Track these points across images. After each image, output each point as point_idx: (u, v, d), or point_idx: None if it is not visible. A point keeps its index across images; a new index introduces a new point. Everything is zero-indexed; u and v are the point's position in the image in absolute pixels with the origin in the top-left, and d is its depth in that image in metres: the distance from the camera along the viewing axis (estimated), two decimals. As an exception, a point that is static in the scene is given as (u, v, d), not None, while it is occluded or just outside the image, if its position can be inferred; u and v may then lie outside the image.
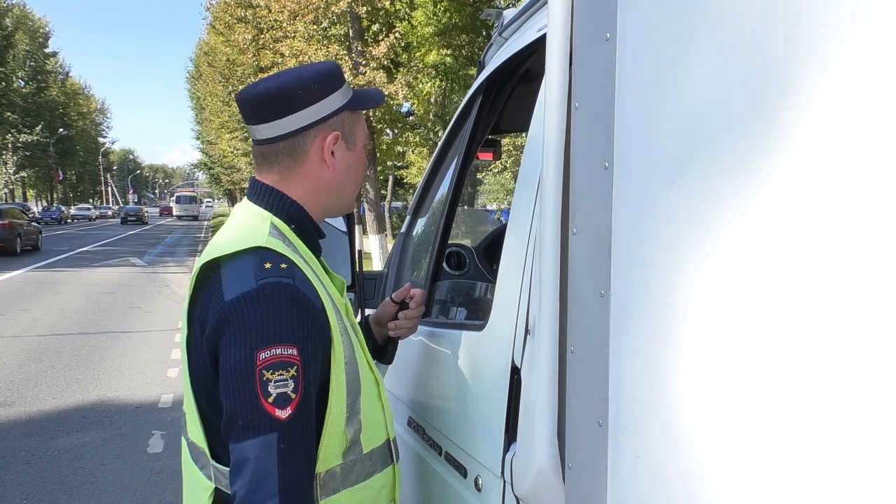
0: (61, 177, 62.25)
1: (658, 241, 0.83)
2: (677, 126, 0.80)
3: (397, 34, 13.05)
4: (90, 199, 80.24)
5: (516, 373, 1.29)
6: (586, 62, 0.96)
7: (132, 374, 6.93)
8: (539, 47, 1.33)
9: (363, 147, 1.41)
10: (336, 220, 1.72)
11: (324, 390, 1.22)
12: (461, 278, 2.40)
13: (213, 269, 1.23)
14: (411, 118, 15.92)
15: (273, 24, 13.69)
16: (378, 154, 15.11)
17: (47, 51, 55.54)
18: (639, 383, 0.86)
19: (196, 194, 75.88)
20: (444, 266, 2.35)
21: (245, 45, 15.00)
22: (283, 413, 1.13)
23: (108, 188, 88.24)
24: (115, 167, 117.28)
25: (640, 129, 0.85)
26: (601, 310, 0.91)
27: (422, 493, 1.80)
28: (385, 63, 13.45)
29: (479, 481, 1.44)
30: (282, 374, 1.13)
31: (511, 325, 1.32)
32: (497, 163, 16.82)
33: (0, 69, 40.46)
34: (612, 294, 0.89)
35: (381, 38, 13.54)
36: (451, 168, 1.99)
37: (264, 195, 1.33)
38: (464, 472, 1.53)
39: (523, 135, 1.46)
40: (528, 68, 1.79)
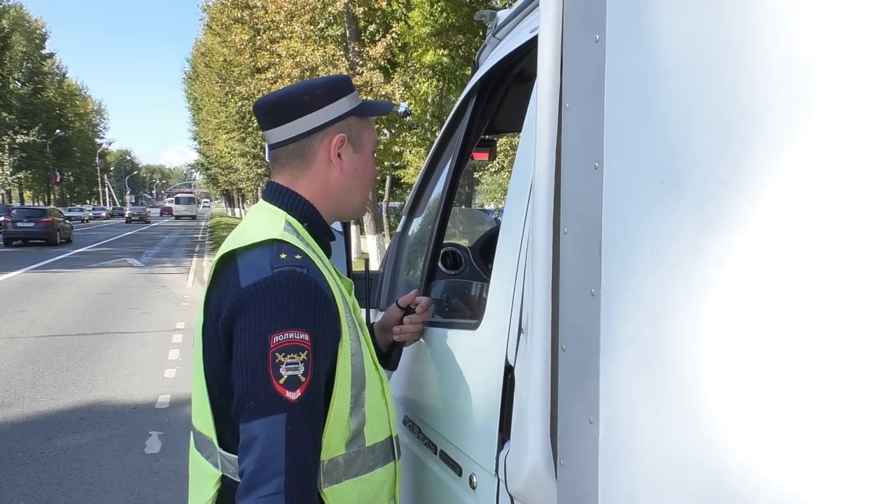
0: (58, 178, 62.16)
1: (647, 240, 0.84)
2: (665, 126, 0.81)
3: (394, 34, 13.05)
4: (87, 200, 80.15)
5: (510, 371, 1.30)
6: (576, 63, 0.97)
7: (129, 375, 6.93)
8: (532, 48, 1.34)
9: (372, 152, 1.48)
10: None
11: (330, 379, 1.27)
12: (457, 278, 2.41)
13: (229, 260, 1.29)
14: (408, 118, 15.93)
15: (270, 25, 13.68)
16: (375, 154, 15.10)
17: (44, 52, 55.45)
18: (629, 381, 0.87)
19: (194, 195, 79.73)
20: (440, 265, 2.36)
21: (242, 46, 15.01)
22: (293, 395, 1.18)
23: (106, 189, 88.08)
24: (112, 168, 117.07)
25: (630, 130, 0.86)
26: (592, 308, 0.92)
27: (417, 492, 1.81)
28: (382, 63, 13.46)
29: (474, 479, 1.45)
30: (293, 358, 1.18)
31: (505, 324, 1.33)
32: (494, 163, 16.84)
33: (-3, 70, 40.37)
34: (602, 293, 0.90)
35: (377, 38, 13.55)
36: (446, 168, 1.99)
37: (278, 195, 1.40)
38: (458, 470, 1.54)
39: (519, 135, 1.47)
40: (522, 69, 1.80)
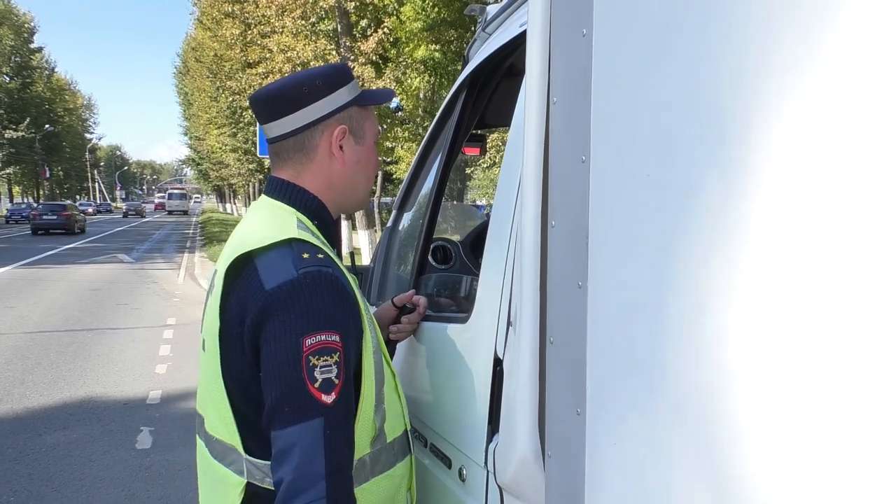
0: (48, 174, 61.73)
1: (634, 233, 0.84)
2: (651, 120, 0.81)
3: (386, 29, 13.01)
4: (77, 196, 79.69)
5: (499, 364, 1.31)
6: (564, 58, 0.97)
7: (120, 371, 6.91)
8: (522, 42, 1.34)
9: (374, 143, 1.44)
10: None
11: (356, 379, 1.25)
12: (447, 272, 2.42)
13: (245, 261, 1.24)
14: (400, 113, 15.89)
15: (261, 20, 13.62)
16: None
17: (32, 46, 54.92)
18: (615, 372, 0.88)
19: (186, 191, 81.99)
20: (430, 260, 2.37)
21: (233, 41, 14.91)
22: (329, 398, 1.16)
23: (96, 185, 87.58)
24: (102, 163, 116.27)
25: (616, 124, 0.87)
26: (579, 301, 0.93)
27: (408, 485, 1.81)
28: (374, 58, 13.42)
29: (464, 472, 1.46)
30: (326, 360, 1.16)
31: (494, 317, 1.34)
32: (486, 158, 16.84)
33: (-16, 65, 40.07)
34: (589, 285, 0.91)
35: (369, 33, 13.50)
36: (436, 163, 2.00)
37: (284, 190, 1.36)
38: (448, 463, 1.55)
39: (509, 130, 1.48)
40: (511, 63, 1.80)
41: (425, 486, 1.67)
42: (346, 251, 7.45)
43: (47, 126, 56.13)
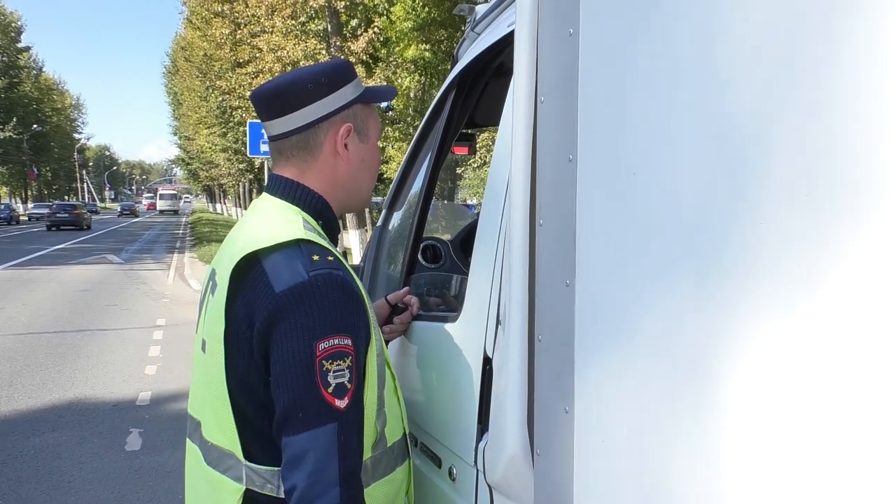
0: (36, 174, 61.31)
1: (619, 231, 0.85)
2: (637, 119, 0.82)
3: (376, 29, 13.00)
4: (66, 196, 79.21)
5: (488, 363, 1.31)
6: (551, 57, 0.98)
7: (109, 372, 6.87)
8: (510, 42, 1.34)
9: (377, 141, 1.42)
10: None
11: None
12: (437, 271, 2.42)
13: (252, 263, 1.20)
14: (390, 113, 15.88)
15: (250, 19, 13.57)
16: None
17: (20, 45, 54.56)
18: (603, 370, 0.88)
19: (176, 192, 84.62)
20: (420, 259, 2.37)
21: (222, 40, 14.85)
22: (342, 403, 1.14)
23: (85, 185, 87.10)
24: (91, 164, 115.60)
25: (603, 123, 0.87)
26: (567, 299, 0.93)
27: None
28: (364, 58, 13.40)
29: (454, 471, 1.46)
30: (339, 364, 1.14)
31: (483, 316, 1.34)
32: (477, 158, 16.85)
33: (-29, 64, 39.74)
34: (576, 283, 0.91)
35: (359, 33, 13.48)
36: (425, 162, 2.00)
37: (288, 189, 1.32)
38: (438, 462, 1.55)
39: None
40: (500, 62, 1.80)
41: (415, 485, 1.67)
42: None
43: (35, 126, 55.77)
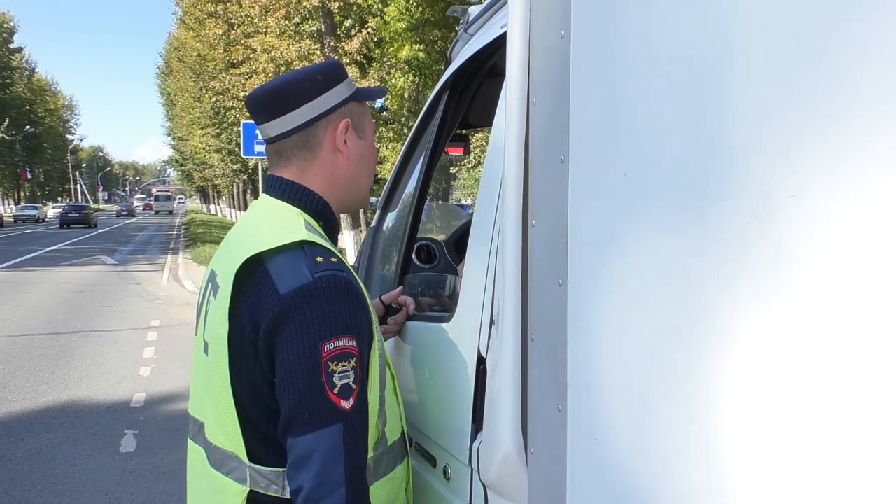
0: (28, 175, 61.09)
1: (611, 231, 0.86)
2: (627, 120, 0.83)
3: (370, 29, 13.01)
4: (59, 198, 79.01)
5: (482, 363, 1.32)
6: (543, 59, 0.98)
7: (104, 374, 6.85)
8: (503, 44, 1.35)
9: (373, 139, 1.43)
10: None
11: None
12: (431, 271, 2.43)
13: (255, 265, 1.20)
14: (385, 113, 15.88)
15: (244, 20, 13.56)
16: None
17: (12, 46, 54.34)
18: (595, 369, 0.89)
19: (171, 193, 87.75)
20: (414, 259, 2.37)
21: (216, 41, 14.85)
22: (347, 404, 1.15)
23: (78, 186, 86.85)
24: (84, 164, 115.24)
25: (594, 124, 0.88)
26: (559, 298, 0.94)
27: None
28: (358, 58, 13.40)
29: (448, 471, 1.47)
30: (344, 366, 1.15)
31: (477, 316, 1.35)
32: (471, 158, 16.86)
33: (-37, 65, 39.56)
34: (569, 283, 0.92)
35: (353, 33, 13.49)
36: (419, 163, 2.01)
37: (288, 190, 1.33)
38: (433, 462, 1.56)
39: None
40: (493, 64, 1.81)
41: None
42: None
43: (28, 127, 55.58)
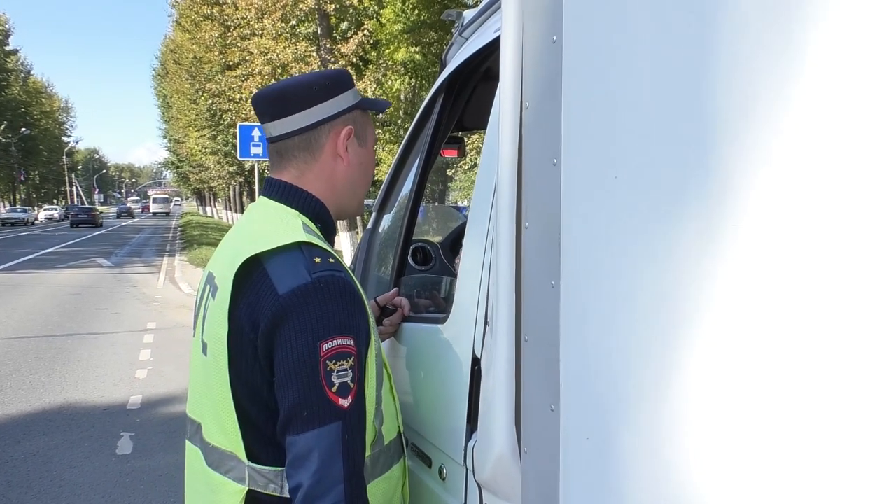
0: (24, 177, 60.95)
1: (603, 233, 0.87)
2: (618, 124, 0.84)
3: (366, 32, 13.02)
4: (55, 200, 78.80)
5: (477, 364, 1.33)
6: (535, 63, 1.00)
7: (100, 376, 6.84)
8: (497, 47, 1.36)
9: (373, 147, 1.46)
10: None
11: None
12: (427, 273, 2.44)
13: (254, 266, 1.22)
14: (381, 115, 15.89)
15: (240, 22, 13.56)
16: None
17: (7, 48, 54.24)
18: (588, 369, 0.90)
19: (168, 195, 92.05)
20: (410, 261, 2.39)
21: (212, 43, 14.86)
22: (345, 402, 1.17)
23: (73, 188, 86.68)
24: (79, 167, 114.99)
25: (586, 128, 0.89)
26: (552, 299, 0.95)
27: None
28: (354, 61, 13.42)
29: (443, 471, 1.48)
30: (342, 364, 1.17)
31: (471, 317, 1.36)
32: (467, 160, 16.89)
33: (-42, 67, 39.44)
34: (561, 284, 0.93)
35: (349, 35, 13.50)
36: (415, 165, 2.02)
37: (287, 193, 1.35)
38: (428, 462, 1.57)
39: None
40: (488, 67, 1.82)
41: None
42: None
43: (23, 129, 55.43)
